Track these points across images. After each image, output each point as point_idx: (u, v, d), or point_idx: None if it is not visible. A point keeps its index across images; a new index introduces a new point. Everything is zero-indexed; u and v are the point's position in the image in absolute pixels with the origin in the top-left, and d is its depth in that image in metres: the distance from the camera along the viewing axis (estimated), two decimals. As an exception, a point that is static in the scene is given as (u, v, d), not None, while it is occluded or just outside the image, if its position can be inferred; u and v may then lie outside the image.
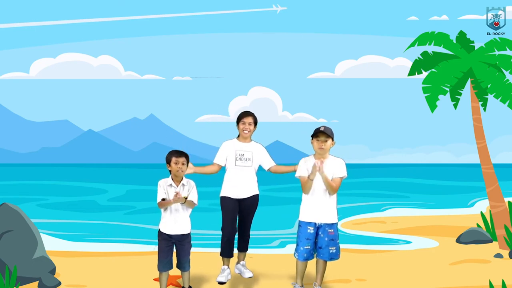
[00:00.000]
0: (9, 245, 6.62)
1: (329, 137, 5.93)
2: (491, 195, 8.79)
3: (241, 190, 6.45)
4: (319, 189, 5.97)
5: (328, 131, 5.92)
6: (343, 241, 6.50)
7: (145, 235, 10.20)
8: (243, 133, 6.50)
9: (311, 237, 6.02)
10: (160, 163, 6.08)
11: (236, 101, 39.42)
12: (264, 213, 6.61)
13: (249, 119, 6.50)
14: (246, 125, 6.48)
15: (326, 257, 6.05)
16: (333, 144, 6.00)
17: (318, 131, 5.93)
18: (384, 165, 36.93)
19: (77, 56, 39.15)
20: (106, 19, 36.17)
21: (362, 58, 38.74)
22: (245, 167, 6.45)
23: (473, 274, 7.07)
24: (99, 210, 15.75)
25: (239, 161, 6.45)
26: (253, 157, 6.48)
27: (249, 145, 6.53)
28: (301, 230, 6.06)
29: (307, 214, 6.03)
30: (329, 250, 6.02)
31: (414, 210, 14.80)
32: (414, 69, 8.88)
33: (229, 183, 6.49)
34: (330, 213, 6.01)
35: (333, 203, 6.03)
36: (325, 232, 6.00)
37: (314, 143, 5.98)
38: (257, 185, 6.56)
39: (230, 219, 6.45)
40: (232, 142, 6.56)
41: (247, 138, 6.52)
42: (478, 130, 8.78)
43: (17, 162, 40.53)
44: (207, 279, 6.80)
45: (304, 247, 6.03)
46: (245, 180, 6.46)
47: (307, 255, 6.08)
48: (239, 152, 6.46)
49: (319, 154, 5.99)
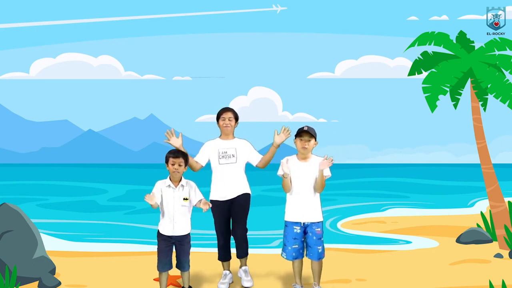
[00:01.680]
0: (9, 245, 6.62)
1: (312, 137, 5.95)
2: (491, 195, 8.79)
3: (228, 190, 6.30)
4: (303, 189, 5.98)
5: (312, 131, 5.94)
6: (343, 241, 6.51)
7: (145, 235, 10.19)
8: (224, 129, 6.33)
9: (298, 237, 6.03)
10: (160, 163, 6.07)
11: (236, 101, 39.46)
12: (264, 213, 6.61)
13: (229, 114, 6.35)
14: (226, 120, 6.32)
15: (315, 257, 6.05)
16: (315, 144, 6.01)
17: (301, 130, 5.95)
18: (384, 165, 36.94)
19: (77, 56, 39.19)
20: (106, 19, 36.18)
21: (362, 58, 38.79)
22: (230, 165, 6.28)
23: (473, 274, 7.07)
24: (99, 210, 15.74)
25: (223, 158, 6.28)
26: (237, 153, 6.31)
27: (232, 141, 6.37)
28: (288, 230, 6.07)
29: (293, 214, 6.03)
30: (318, 249, 6.03)
31: (414, 210, 14.79)
32: (414, 69, 8.87)
33: (216, 184, 6.34)
34: (315, 212, 6.02)
35: (317, 202, 6.04)
36: (313, 231, 6.00)
37: (297, 142, 5.99)
38: (247, 184, 6.40)
39: (221, 223, 6.36)
40: (214, 141, 6.40)
41: (229, 134, 6.36)
42: (478, 130, 8.78)
43: (17, 162, 40.57)
44: (207, 279, 6.80)
45: (292, 247, 6.05)
46: (232, 178, 6.29)
47: (296, 254, 6.08)
48: (222, 150, 6.30)
49: (302, 154, 6.00)
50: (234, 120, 6.39)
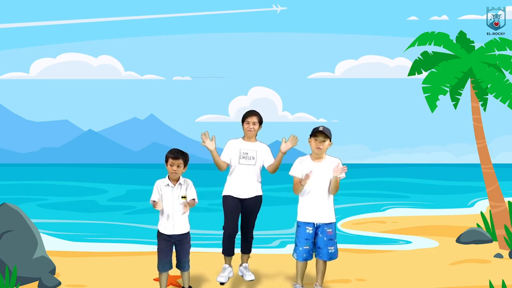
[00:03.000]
0: (9, 245, 6.62)
1: (327, 137, 5.93)
2: (491, 195, 8.79)
3: (243, 189, 6.44)
4: (316, 190, 5.97)
5: (327, 132, 5.92)
6: (343, 241, 6.52)
7: (145, 235, 10.19)
8: (247, 132, 6.50)
9: (310, 237, 6.02)
10: (160, 163, 6.08)
11: (236, 101, 39.47)
12: (264, 213, 6.61)
13: (253, 118, 6.51)
14: (250, 124, 6.48)
15: (325, 257, 6.05)
16: (330, 144, 5.99)
17: (316, 130, 5.93)
18: (384, 165, 36.94)
19: (77, 56, 39.19)
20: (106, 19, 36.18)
21: (362, 58, 38.79)
22: (249, 166, 6.44)
23: (473, 274, 7.07)
24: (99, 210, 15.74)
25: (243, 159, 6.44)
26: (257, 156, 6.48)
27: (254, 144, 6.53)
28: (300, 231, 6.06)
29: (305, 215, 6.03)
30: (328, 250, 6.02)
31: (414, 210, 14.80)
32: (414, 69, 8.88)
33: (232, 182, 6.49)
34: (328, 213, 6.01)
35: (330, 203, 6.03)
36: (324, 232, 5.99)
37: (312, 142, 5.98)
38: (260, 186, 6.55)
39: (231, 218, 6.44)
40: (237, 141, 6.56)
41: (251, 137, 6.53)
42: (478, 130, 8.78)
43: (17, 162, 40.56)
44: (207, 279, 6.80)
45: (303, 247, 6.03)
46: (248, 179, 6.45)
47: (306, 255, 6.07)
48: (243, 151, 6.47)
49: (316, 154, 5.99)
50: (258, 124, 6.55)
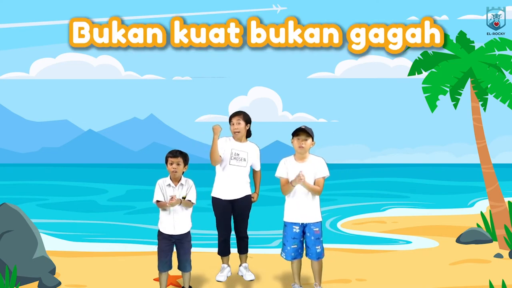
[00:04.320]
0: (9, 245, 6.62)
1: (309, 136, 5.96)
2: (491, 195, 8.79)
3: (233, 190, 6.40)
4: (301, 190, 5.98)
5: (309, 130, 5.96)
6: (343, 241, 6.51)
7: (145, 235, 10.20)
8: (235, 134, 6.45)
9: (297, 236, 6.04)
10: (160, 163, 6.08)
11: (236, 101, 39.40)
12: (264, 213, 6.62)
13: (236, 118, 6.43)
14: (235, 125, 6.41)
15: (314, 257, 6.06)
16: (313, 144, 6.01)
17: (299, 129, 5.96)
18: (384, 165, 36.89)
19: (77, 56, 39.14)
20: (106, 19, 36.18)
21: (362, 58, 38.69)
22: (239, 167, 6.40)
23: (473, 274, 7.07)
24: (99, 210, 15.73)
25: (234, 160, 6.39)
26: (248, 157, 6.45)
27: (245, 145, 6.49)
28: (287, 230, 6.08)
29: (292, 215, 6.05)
30: (316, 249, 6.03)
31: (414, 210, 14.79)
32: (414, 69, 8.88)
33: (222, 182, 6.43)
34: (314, 212, 6.02)
35: (316, 203, 6.05)
36: (311, 231, 6.01)
37: (294, 141, 6.00)
38: (249, 186, 6.53)
39: (223, 221, 6.42)
40: (230, 140, 6.49)
41: (241, 138, 6.47)
42: (478, 130, 8.78)
43: (17, 162, 40.51)
44: (207, 279, 6.80)
45: (291, 246, 6.06)
46: (238, 180, 6.41)
47: (295, 254, 6.09)
48: (235, 151, 6.41)
49: (299, 153, 6.01)
50: (244, 123, 6.46)
